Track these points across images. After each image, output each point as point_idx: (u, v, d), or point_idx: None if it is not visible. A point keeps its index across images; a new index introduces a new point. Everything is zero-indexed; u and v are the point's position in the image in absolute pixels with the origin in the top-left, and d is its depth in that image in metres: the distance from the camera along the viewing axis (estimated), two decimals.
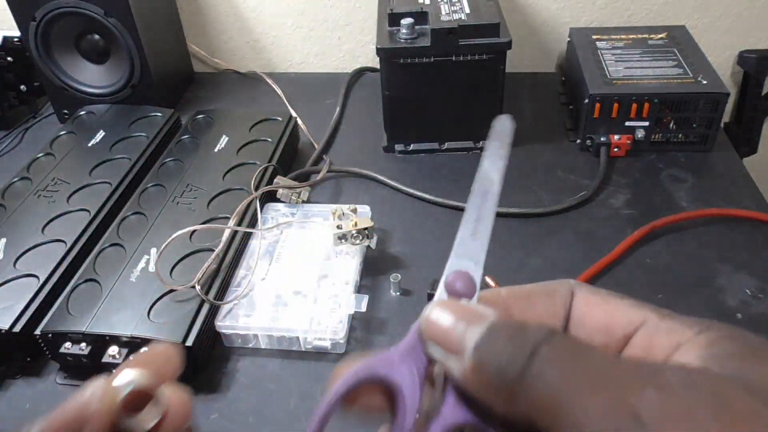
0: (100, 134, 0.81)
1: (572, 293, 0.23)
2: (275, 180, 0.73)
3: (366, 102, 0.96)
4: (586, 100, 0.78)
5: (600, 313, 0.22)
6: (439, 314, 0.22)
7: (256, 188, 0.70)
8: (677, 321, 0.21)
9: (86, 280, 0.60)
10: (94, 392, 0.23)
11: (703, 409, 0.16)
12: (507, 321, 0.20)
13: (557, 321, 0.24)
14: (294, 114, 0.87)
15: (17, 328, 0.56)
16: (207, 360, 0.58)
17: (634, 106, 0.77)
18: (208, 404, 0.55)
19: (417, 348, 0.23)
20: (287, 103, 0.96)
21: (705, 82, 0.78)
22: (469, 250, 0.25)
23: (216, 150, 0.77)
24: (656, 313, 0.21)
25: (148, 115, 0.85)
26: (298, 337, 0.58)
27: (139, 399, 0.23)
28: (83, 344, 0.54)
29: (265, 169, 0.73)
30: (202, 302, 0.57)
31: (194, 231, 0.63)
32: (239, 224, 0.65)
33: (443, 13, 0.77)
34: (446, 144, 0.83)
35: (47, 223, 0.67)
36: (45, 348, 0.56)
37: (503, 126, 0.26)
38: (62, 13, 0.84)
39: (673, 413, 0.16)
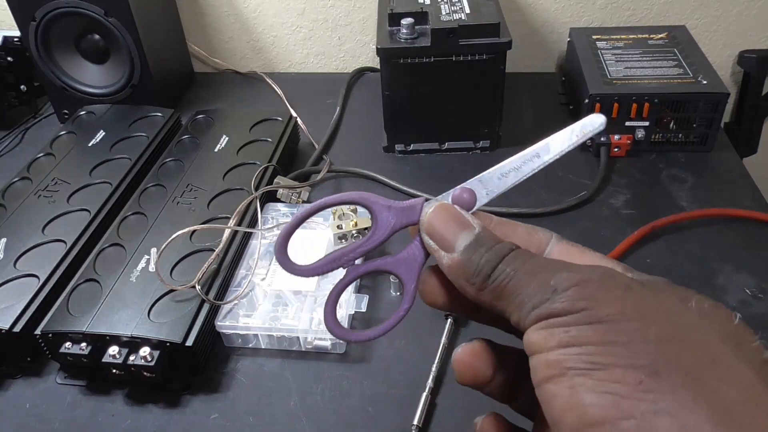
0: (101, 134, 0.81)
1: (550, 241, 0.29)
2: (275, 180, 0.73)
3: (366, 102, 0.96)
4: (587, 100, 0.78)
5: (576, 261, 0.27)
6: (438, 218, 0.28)
7: (257, 188, 0.70)
8: (635, 273, 0.26)
9: (86, 280, 0.60)
10: None
11: (594, 281, 0.23)
12: (488, 234, 0.27)
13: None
14: (294, 114, 0.87)
15: (17, 328, 0.56)
16: (207, 360, 0.58)
17: (634, 106, 0.77)
18: (208, 404, 0.55)
19: (408, 214, 0.29)
20: (287, 103, 0.96)
21: (705, 82, 0.78)
22: (490, 183, 0.29)
23: (216, 150, 0.77)
24: (621, 267, 0.26)
25: (148, 115, 0.85)
26: (298, 337, 0.58)
27: None
28: (83, 344, 0.54)
29: (266, 169, 0.73)
30: (203, 302, 0.57)
31: (194, 231, 0.63)
32: (239, 224, 0.65)
33: (443, 13, 0.77)
34: (446, 144, 0.83)
35: (47, 223, 0.67)
36: (45, 348, 0.56)
37: (593, 121, 0.30)
38: (62, 13, 0.84)
39: (573, 282, 0.23)
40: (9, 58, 0.93)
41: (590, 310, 0.22)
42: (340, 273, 0.31)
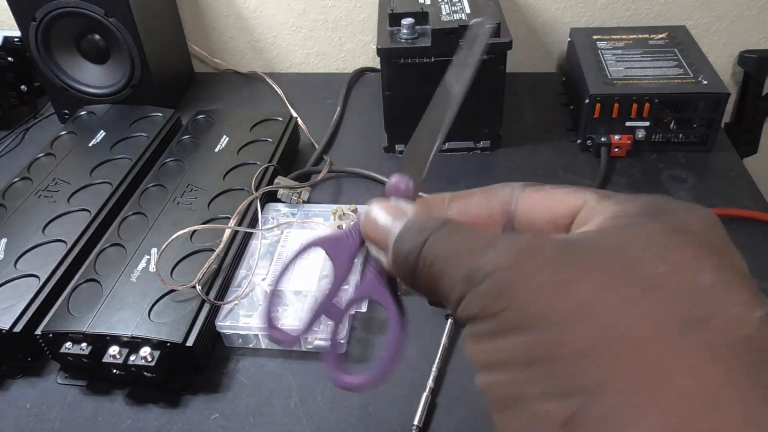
0: (101, 134, 0.81)
1: (512, 196, 0.24)
2: (276, 180, 0.73)
3: (366, 102, 0.96)
4: (587, 101, 0.78)
5: (544, 208, 0.23)
6: (371, 219, 0.25)
7: (257, 188, 0.70)
8: (613, 199, 0.21)
9: (87, 280, 0.60)
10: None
11: (514, 263, 0.19)
12: (421, 216, 0.23)
13: (493, 220, 0.25)
14: (294, 114, 0.87)
15: (18, 329, 0.56)
16: (207, 360, 0.58)
17: (635, 106, 0.77)
18: (208, 404, 0.55)
19: (357, 234, 0.27)
20: (288, 104, 0.96)
21: (705, 82, 0.78)
22: (415, 156, 0.26)
23: (216, 150, 0.77)
24: (596, 194, 0.22)
25: (148, 115, 0.85)
26: (298, 337, 0.58)
27: None
28: (84, 344, 0.54)
29: (266, 169, 0.73)
30: (203, 302, 0.57)
31: (195, 231, 0.63)
32: (240, 224, 0.65)
33: (444, 13, 0.77)
34: (446, 144, 0.83)
35: (48, 223, 0.67)
36: (45, 348, 0.56)
37: (477, 31, 0.27)
38: (62, 13, 0.84)
39: (491, 268, 0.19)
40: (9, 58, 0.93)
41: (510, 310, 0.18)
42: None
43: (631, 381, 0.16)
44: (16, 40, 0.92)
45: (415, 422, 0.51)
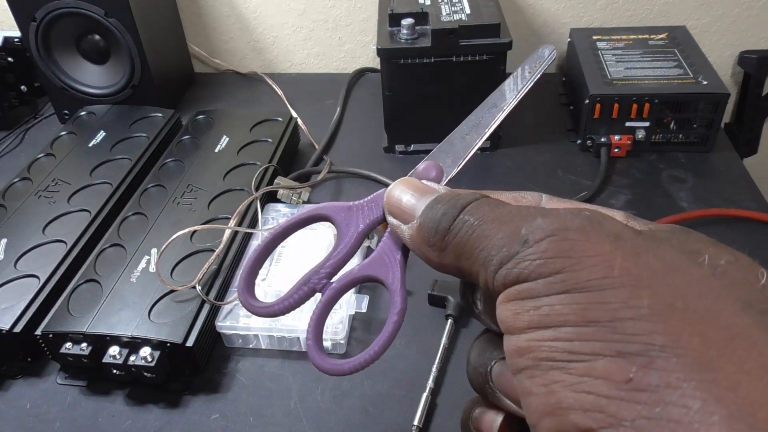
0: (101, 135, 0.81)
1: (541, 200, 0.25)
2: (276, 180, 0.73)
3: (366, 102, 0.96)
4: (587, 101, 0.78)
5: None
6: (399, 190, 0.25)
7: (257, 189, 0.70)
8: (641, 220, 0.22)
9: (87, 281, 0.60)
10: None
11: (574, 230, 0.19)
12: (449, 192, 0.24)
13: None
14: (294, 114, 0.87)
15: (18, 329, 0.56)
16: (207, 360, 0.58)
17: (635, 106, 0.77)
18: (208, 404, 0.55)
19: (373, 208, 0.26)
20: (288, 104, 0.96)
21: (705, 82, 0.78)
22: (452, 149, 0.27)
23: (216, 150, 0.77)
24: (621, 215, 0.23)
25: (148, 116, 0.85)
26: (298, 338, 0.58)
27: None
28: (84, 344, 0.54)
29: (266, 169, 0.73)
30: (203, 302, 0.57)
31: (195, 231, 0.63)
32: (240, 224, 0.65)
33: (444, 13, 0.77)
34: None
35: (48, 224, 0.67)
36: (45, 348, 0.56)
37: (541, 54, 0.27)
38: (62, 14, 0.84)
39: (547, 232, 0.19)
40: (9, 59, 0.93)
41: (567, 272, 0.18)
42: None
43: (695, 348, 0.16)
44: (16, 40, 0.92)
45: (415, 422, 0.51)
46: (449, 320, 0.59)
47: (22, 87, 0.95)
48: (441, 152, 0.27)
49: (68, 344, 0.54)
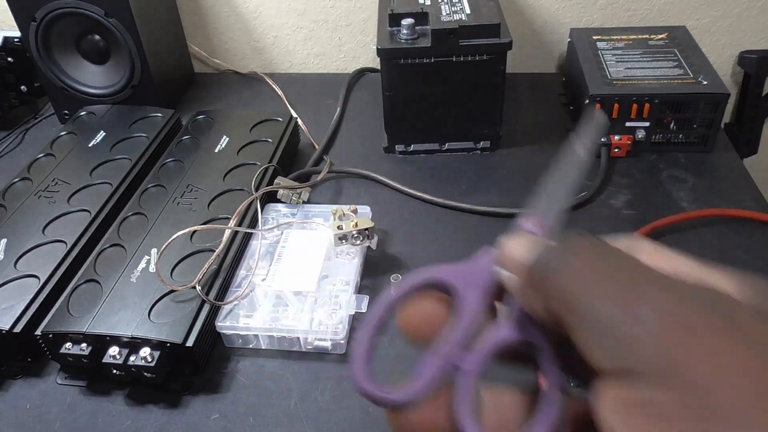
0: (101, 135, 0.81)
1: (634, 245, 0.23)
2: (276, 180, 0.73)
3: (366, 102, 0.96)
4: (587, 101, 0.78)
5: (667, 266, 0.21)
6: (513, 243, 0.23)
7: (257, 189, 0.70)
8: (747, 285, 0.19)
9: (87, 281, 0.60)
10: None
11: (686, 314, 0.16)
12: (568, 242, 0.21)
13: None
14: (294, 114, 0.87)
15: (18, 329, 0.56)
16: (207, 360, 0.58)
17: (635, 106, 0.77)
18: (208, 404, 0.55)
19: (482, 272, 0.24)
20: (288, 104, 0.96)
21: (705, 82, 0.78)
22: (547, 204, 0.27)
23: (216, 150, 0.77)
24: (727, 277, 0.19)
25: (148, 116, 0.85)
26: (298, 338, 0.58)
27: None
28: (84, 345, 0.54)
29: (266, 169, 0.73)
30: (203, 303, 0.57)
31: (195, 231, 0.63)
32: (240, 225, 0.65)
33: (444, 13, 0.77)
34: (446, 144, 0.83)
35: (48, 224, 0.67)
36: (45, 348, 0.56)
37: (598, 119, 0.29)
38: (62, 14, 0.84)
39: (661, 313, 0.17)
40: (9, 59, 0.93)
41: (679, 372, 0.15)
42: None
43: None
44: (16, 40, 0.92)
45: None
46: None
47: (22, 87, 0.95)
48: (536, 209, 0.27)
49: (68, 344, 0.55)
